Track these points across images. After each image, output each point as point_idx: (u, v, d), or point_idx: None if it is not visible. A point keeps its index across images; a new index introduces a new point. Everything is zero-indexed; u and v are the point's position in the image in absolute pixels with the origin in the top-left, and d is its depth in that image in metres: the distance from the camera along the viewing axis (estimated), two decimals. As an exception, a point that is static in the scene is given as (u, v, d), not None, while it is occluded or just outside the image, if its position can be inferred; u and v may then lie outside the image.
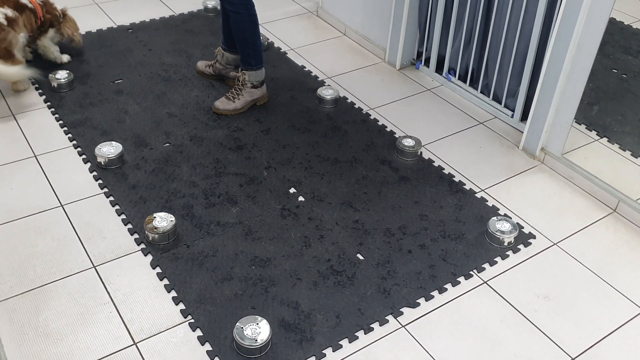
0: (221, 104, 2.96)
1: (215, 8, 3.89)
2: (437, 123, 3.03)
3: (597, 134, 2.92)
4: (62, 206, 2.43)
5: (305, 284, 2.15)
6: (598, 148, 2.86)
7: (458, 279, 2.21)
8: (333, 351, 1.95)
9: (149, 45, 3.52)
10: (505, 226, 2.37)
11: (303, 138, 2.86)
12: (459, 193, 2.59)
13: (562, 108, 2.64)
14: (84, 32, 3.59)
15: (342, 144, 2.84)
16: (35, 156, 2.68)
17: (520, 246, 2.37)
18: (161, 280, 2.15)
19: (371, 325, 2.03)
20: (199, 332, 1.98)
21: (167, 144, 2.78)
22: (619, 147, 2.84)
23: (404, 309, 2.09)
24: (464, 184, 2.64)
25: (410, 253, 2.29)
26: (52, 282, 2.12)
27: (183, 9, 3.94)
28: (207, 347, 1.94)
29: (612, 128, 2.94)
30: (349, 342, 1.98)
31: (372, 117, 3.04)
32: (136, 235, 2.31)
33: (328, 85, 3.25)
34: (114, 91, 3.11)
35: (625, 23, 3.45)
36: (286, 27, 3.83)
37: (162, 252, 2.24)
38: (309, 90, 3.21)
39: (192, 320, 2.01)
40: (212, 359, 1.90)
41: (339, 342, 1.97)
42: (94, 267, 2.19)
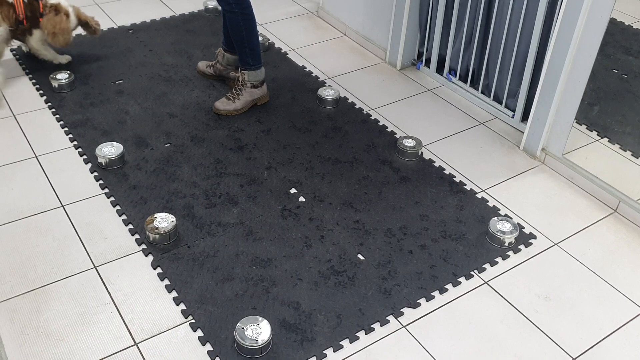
0: (221, 104, 2.96)
1: (215, 8, 3.89)
2: (437, 123, 3.03)
3: (597, 134, 2.92)
4: (62, 206, 2.43)
5: (306, 284, 2.15)
6: (599, 148, 2.86)
7: (459, 279, 2.21)
8: (334, 351, 1.95)
9: (149, 45, 3.52)
10: (506, 226, 2.37)
11: (304, 138, 2.86)
12: (460, 193, 2.59)
13: (562, 108, 2.65)
14: (84, 32, 3.59)
15: (343, 145, 2.84)
16: (36, 156, 2.68)
17: (521, 246, 2.37)
18: (162, 280, 2.15)
19: (372, 326, 2.03)
20: (199, 333, 1.98)
21: (168, 145, 2.78)
22: (620, 148, 2.84)
23: (405, 309, 2.09)
24: (465, 185, 2.64)
25: (411, 253, 2.29)
26: (53, 282, 2.12)
27: (184, 10, 3.94)
28: (208, 347, 1.94)
29: (612, 128, 2.94)
30: (350, 343, 1.98)
31: (372, 118, 3.04)
32: (137, 236, 2.31)
33: (329, 85, 3.25)
34: (114, 91, 3.11)
35: (626, 23, 3.45)
36: (287, 28, 3.84)
37: (163, 253, 2.24)
38: (310, 90, 3.21)
39: (193, 321, 2.01)
40: None
41: (340, 343, 1.97)
42: (95, 267, 2.19)
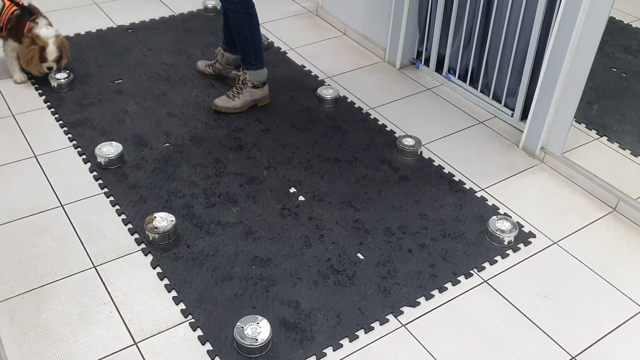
0: (221, 101, 2.96)
1: (215, 8, 3.89)
2: (437, 122, 3.04)
3: (596, 133, 2.92)
4: (62, 206, 2.43)
5: (306, 283, 2.15)
6: (598, 147, 2.86)
7: (458, 278, 2.21)
8: (333, 350, 1.95)
9: (148, 45, 3.52)
10: (505, 225, 2.37)
11: (303, 138, 2.86)
12: (459, 192, 2.59)
13: (561, 107, 2.65)
14: (84, 32, 3.59)
15: (342, 144, 2.84)
16: (35, 156, 2.68)
17: (520, 245, 2.37)
18: (161, 280, 2.15)
19: (371, 325, 2.03)
20: (199, 332, 1.98)
21: (167, 144, 2.78)
22: (619, 146, 2.85)
23: (404, 308, 2.09)
24: (464, 183, 2.65)
25: (411, 252, 2.29)
26: (52, 282, 2.12)
27: (183, 9, 3.94)
28: (208, 346, 1.94)
29: (611, 127, 2.95)
30: (350, 342, 1.98)
31: (372, 117, 3.04)
32: (136, 235, 2.31)
33: (328, 84, 3.25)
34: (113, 91, 3.11)
35: (625, 22, 3.45)
36: (286, 27, 3.83)
37: (163, 252, 2.24)
38: (309, 89, 3.21)
39: (193, 320, 2.01)
40: (212, 359, 1.90)
41: (340, 342, 1.97)
42: (94, 267, 2.19)
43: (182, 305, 2.06)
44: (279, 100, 3.10)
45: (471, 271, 2.25)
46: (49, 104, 2.99)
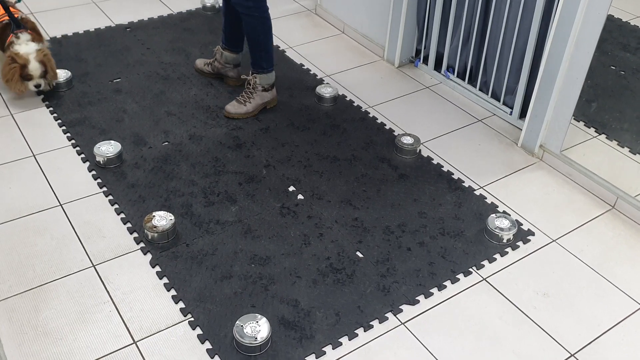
0: (232, 107, 2.94)
1: (213, 6, 3.89)
2: (436, 121, 3.04)
3: (595, 131, 2.92)
4: (61, 205, 2.43)
5: (305, 282, 2.15)
6: (597, 145, 2.86)
7: (457, 276, 2.22)
8: (333, 349, 1.95)
9: (147, 44, 3.52)
10: (504, 223, 2.37)
11: (302, 136, 2.86)
12: (458, 190, 2.59)
13: (560, 105, 2.65)
14: (82, 31, 3.59)
15: (341, 142, 2.84)
16: (34, 155, 2.68)
17: (519, 243, 2.37)
18: (161, 278, 2.15)
19: (371, 323, 2.03)
20: (198, 331, 1.98)
21: (166, 143, 2.77)
22: (618, 144, 2.85)
23: (404, 307, 2.10)
24: (463, 182, 2.65)
25: (410, 251, 2.29)
26: (51, 281, 2.12)
27: (181, 8, 3.93)
28: (207, 345, 1.94)
29: (610, 125, 2.95)
30: (349, 340, 1.98)
31: (371, 115, 3.04)
32: (135, 234, 2.31)
33: (327, 83, 3.25)
34: (112, 90, 3.11)
35: (624, 20, 3.45)
36: (285, 26, 3.83)
37: (162, 251, 2.24)
38: (308, 88, 3.21)
39: (192, 319, 2.01)
40: (212, 357, 1.90)
41: (339, 340, 1.97)
42: (94, 266, 2.19)
43: (181, 304, 2.06)
44: (278, 98, 3.10)
45: (470, 269, 2.25)
46: (47, 103, 2.99)
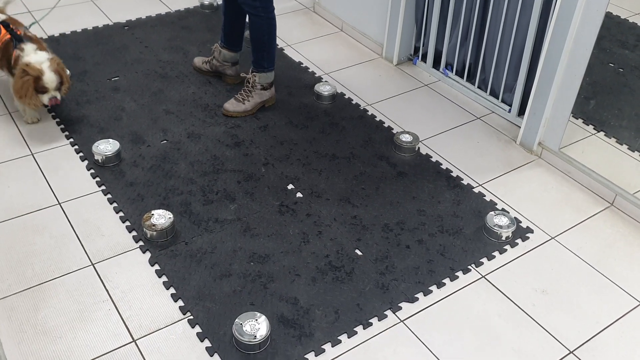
0: (231, 105, 2.94)
1: (211, 4, 3.88)
2: (434, 118, 3.03)
3: (594, 128, 2.92)
4: (59, 204, 2.43)
5: (304, 279, 2.15)
6: (595, 142, 2.86)
7: (456, 274, 2.22)
8: (332, 346, 1.95)
9: (145, 42, 3.51)
10: (503, 221, 2.38)
11: (301, 134, 2.86)
12: (457, 188, 2.60)
13: (559, 102, 2.65)
14: (80, 30, 3.59)
15: (340, 140, 2.84)
16: (32, 154, 2.68)
17: (518, 240, 2.37)
18: (160, 277, 2.15)
19: (370, 321, 2.03)
20: (198, 329, 1.98)
21: (165, 141, 2.77)
22: (616, 141, 2.85)
23: (403, 304, 2.10)
24: (462, 179, 2.65)
25: (409, 248, 2.30)
26: (50, 280, 2.12)
27: (179, 6, 3.93)
28: (207, 343, 1.94)
29: (609, 122, 2.95)
30: (348, 338, 1.98)
31: (369, 113, 3.04)
32: (134, 233, 2.31)
33: (325, 81, 3.25)
34: (110, 88, 3.11)
35: (622, 17, 3.46)
36: (283, 24, 3.82)
37: (161, 249, 2.24)
38: (306, 86, 3.21)
39: (191, 317, 2.01)
40: (211, 356, 1.90)
41: (338, 338, 1.97)
42: (92, 264, 2.19)
43: (180, 302, 2.06)
44: (277, 97, 3.10)
45: (469, 267, 2.25)
46: (45, 101, 2.98)
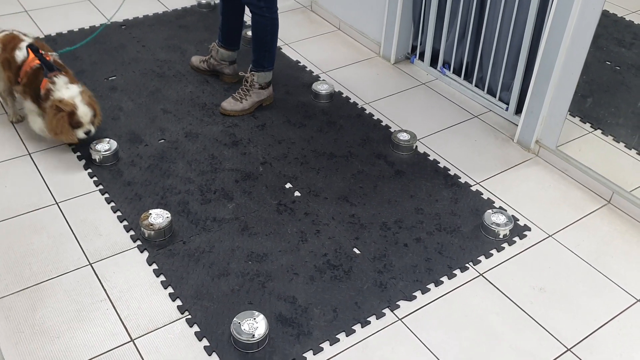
0: (228, 104, 2.94)
1: (208, 3, 3.88)
2: (432, 117, 3.04)
3: (591, 126, 2.92)
4: (57, 204, 2.43)
5: (302, 278, 2.15)
6: (592, 140, 2.87)
7: (454, 272, 2.22)
8: (330, 345, 1.95)
9: (142, 41, 3.51)
10: (500, 219, 2.38)
11: (298, 133, 2.86)
12: (455, 186, 2.60)
13: (556, 100, 2.65)
14: (77, 29, 3.58)
15: (338, 139, 2.84)
16: (30, 154, 2.67)
17: (516, 238, 2.37)
18: (157, 276, 2.15)
19: (368, 319, 2.04)
20: (196, 328, 1.98)
21: (162, 141, 2.77)
22: (613, 139, 2.85)
23: (401, 302, 2.10)
24: (459, 178, 2.65)
25: (406, 246, 2.30)
26: (48, 279, 2.12)
27: (176, 5, 3.92)
28: (205, 342, 1.94)
29: (606, 120, 2.95)
30: (346, 336, 1.98)
31: (367, 112, 3.04)
32: (132, 232, 2.31)
33: (323, 80, 3.25)
34: (108, 88, 3.10)
35: (619, 15, 3.46)
36: (280, 22, 3.79)
37: (158, 249, 2.24)
38: (304, 85, 3.21)
39: (189, 316, 2.01)
40: (209, 355, 1.90)
41: (336, 336, 1.98)
42: (90, 264, 2.19)
43: (178, 302, 2.06)
44: (274, 96, 3.10)
45: (467, 265, 2.25)
46: (42, 101, 2.98)
